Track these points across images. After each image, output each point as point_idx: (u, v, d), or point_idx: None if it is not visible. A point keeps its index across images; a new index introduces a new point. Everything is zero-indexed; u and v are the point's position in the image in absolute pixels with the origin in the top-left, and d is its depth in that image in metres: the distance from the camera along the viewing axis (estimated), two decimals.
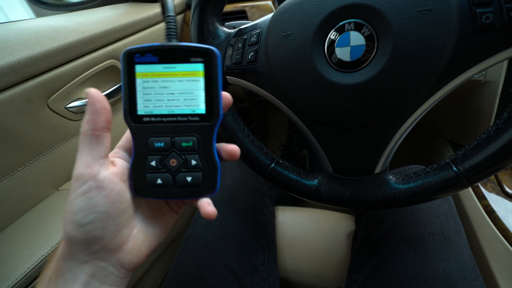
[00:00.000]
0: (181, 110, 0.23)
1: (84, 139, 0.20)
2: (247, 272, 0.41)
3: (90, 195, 0.20)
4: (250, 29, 0.31)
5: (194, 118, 0.23)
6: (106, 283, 0.21)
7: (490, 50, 0.22)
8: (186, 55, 0.22)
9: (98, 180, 0.20)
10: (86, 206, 0.19)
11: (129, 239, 0.22)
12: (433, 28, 0.22)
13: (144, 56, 0.22)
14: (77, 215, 0.19)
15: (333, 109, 0.27)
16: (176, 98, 0.23)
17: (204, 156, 0.23)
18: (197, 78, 0.23)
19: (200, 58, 0.22)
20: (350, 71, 0.25)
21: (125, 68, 0.22)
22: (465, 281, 0.31)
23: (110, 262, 0.21)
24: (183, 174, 0.23)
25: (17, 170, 0.44)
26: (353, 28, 0.25)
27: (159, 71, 0.22)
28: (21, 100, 0.42)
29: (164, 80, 0.23)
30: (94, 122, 0.20)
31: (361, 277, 0.38)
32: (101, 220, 0.20)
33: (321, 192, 0.31)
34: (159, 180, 0.23)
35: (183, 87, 0.23)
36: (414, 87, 0.24)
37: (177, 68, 0.22)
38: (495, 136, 0.24)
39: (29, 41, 0.43)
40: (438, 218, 0.37)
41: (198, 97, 0.23)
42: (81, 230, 0.19)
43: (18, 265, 0.37)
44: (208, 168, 0.24)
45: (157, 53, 0.22)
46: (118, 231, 0.21)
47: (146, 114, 0.23)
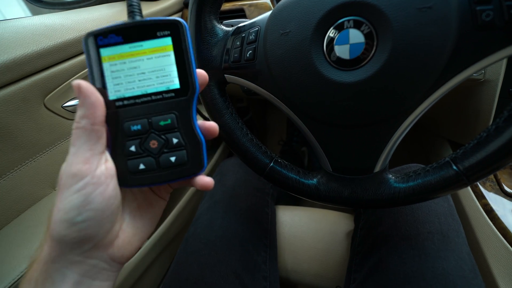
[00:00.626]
0: (154, 88, 0.22)
1: (82, 134, 0.19)
2: (249, 271, 0.41)
3: (86, 192, 0.19)
4: (248, 27, 0.31)
5: (169, 95, 0.22)
6: (98, 279, 0.21)
7: (490, 48, 0.22)
8: (151, 30, 0.21)
9: (95, 176, 0.19)
10: (81, 204, 0.19)
11: (119, 234, 0.22)
12: (433, 26, 0.22)
13: (107, 38, 0.21)
14: (70, 213, 0.18)
15: (332, 107, 0.27)
16: (148, 77, 0.22)
17: (186, 132, 0.22)
18: (166, 53, 0.22)
19: (167, 32, 0.21)
20: (349, 69, 0.25)
21: (88, 53, 0.21)
22: (464, 279, 0.31)
23: (101, 259, 0.21)
24: (166, 155, 0.22)
25: (13, 170, 0.44)
26: (352, 26, 0.24)
27: (125, 52, 0.21)
28: (17, 99, 0.42)
29: (133, 60, 0.21)
30: (92, 116, 0.19)
31: (360, 276, 0.38)
32: (96, 217, 0.19)
33: (320, 191, 0.31)
34: (141, 165, 0.22)
35: (153, 64, 0.22)
36: (413, 85, 0.24)
37: (144, 46, 0.21)
38: (495, 135, 0.24)
39: (25, 40, 0.42)
40: (437, 217, 0.37)
41: (171, 72, 0.22)
42: (74, 229, 0.19)
43: (15, 265, 0.37)
44: (192, 144, 0.22)
45: (120, 33, 0.21)
46: (110, 227, 0.21)
47: (118, 98, 0.22)
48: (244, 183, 0.52)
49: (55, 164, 0.50)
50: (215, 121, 0.34)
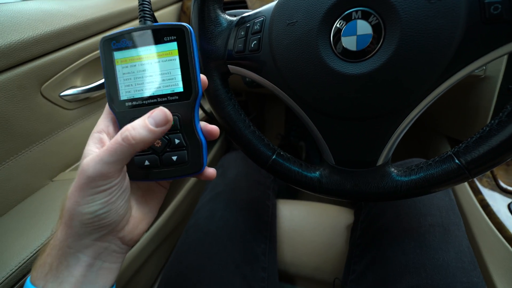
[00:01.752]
0: (160, 91, 0.23)
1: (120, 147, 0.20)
2: (248, 262, 0.41)
3: (112, 191, 0.21)
4: (253, 17, 0.30)
5: (173, 97, 0.23)
6: (108, 261, 0.23)
7: (497, 42, 0.22)
8: (159, 35, 0.23)
9: (120, 178, 0.21)
10: (106, 200, 0.21)
11: (129, 220, 0.24)
12: (442, 18, 0.22)
13: (119, 42, 0.23)
14: (95, 207, 0.20)
15: (337, 99, 0.26)
16: (155, 79, 0.23)
17: (187, 134, 0.24)
18: (172, 57, 0.23)
19: (173, 36, 0.23)
20: (355, 61, 0.25)
21: (103, 56, 0.23)
22: (463, 271, 0.32)
23: (112, 241, 0.23)
24: (169, 154, 0.24)
25: (9, 160, 0.43)
26: (360, 17, 0.24)
27: (136, 55, 0.23)
28: (12, 86, 0.41)
29: (142, 64, 0.23)
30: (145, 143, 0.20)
31: (359, 267, 0.39)
32: (116, 209, 0.21)
33: (322, 184, 0.31)
34: (146, 161, 0.24)
35: (160, 68, 0.23)
36: (420, 78, 0.24)
37: (153, 50, 0.23)
38: (498, 129, 0.24)
39: (20, 24, 0.41)
40: (439, 211, 0.38)
41: (175, 76, 0.23)
42: (96, 218, 0.21)
43: (13, 256, 0.37)
44: (193, 145, 0.24)
45: (131, 38, 0.23)
46: (124, 214, 0.23)
47: (128, 99, 0.23)
48: (246, 176, 0.52)
49: (51, 154, 0.49)
50: (217, 112, 0.33)
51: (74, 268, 0.21)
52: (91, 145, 0.22)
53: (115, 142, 0.20)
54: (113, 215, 0.22)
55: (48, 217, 0.42)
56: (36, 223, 0.41)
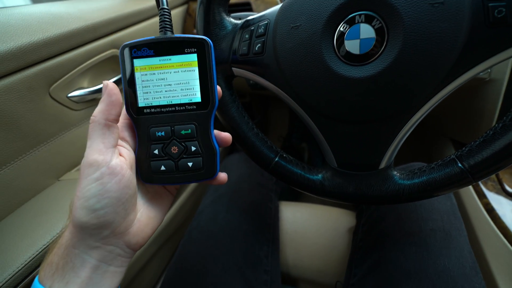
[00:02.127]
0: (178, 100, 0.24)
1: (96, 127, 0.21)
2: (251, 264, 0.41)
3: (104, 181, 0.20)
4: (257, 20, 0.30)
5: (191, 107, 0.24)
6: (113, 265, 0.23)
7: (501, 45, 0.22)
8: (180, 46, 0.24)
9: (111, 167, 0.21)
10: (100, 192, 0.20)
11: (134, 222, 0.24)
12: (445, 22, 0.22)
13: (140, 50, 0.23)
14: (90, 201, 0.20)
15: (340, 102, 0.27)
16: (173, 88, 0.24)
17: (203, 142, 0.25)
18: (191, 68, 0.24)
19: (193, 49, 0.24)
20: (359, 64, 0.25)
21: (124, 63, 0.24)
22: (465, 276, 0.32)
23: (118, 245, 0.23)
24: (185, 160, 0.25)
25: (17, 159, 0.44)
26: (364, 21, 0.24)
27: (156, 64, 0.24)
28: (22, 87, 0.42)
29: (161, 72, 0.24)
30: (108, 113, 0.21)
31: (360, 271, 0.39)
32: (113, 205, 0.21)
33: (325, 187, 0.31)
34: (162, 167, 0.24)
35: (179, 77, 0.24)
36: (423, 81, 0.24)
37: (173, 60, 0.24)
38: (502, 133, 0.24)
39: (31, 27, 0.42)
40: (440, 215, 0.38)
41: (194, 86, 0.24)
42: (93, 215, 0.20)
43: (19, 254, 0.37)
44: (207, 153, 0.25)
45: (152, 47, 0.23)
46: (126, 215, 0.23)
47: (146, 106, 0.24)
48: (248, 178, 0.52)
49: (58, 154, 0.50)
50: (221, 114, 0.34)
51: (80, 269, 0.21)
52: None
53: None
54: (112, 214, 0.21)
55: (54, 216, 0.42)
56: (42, 222, 0.42)
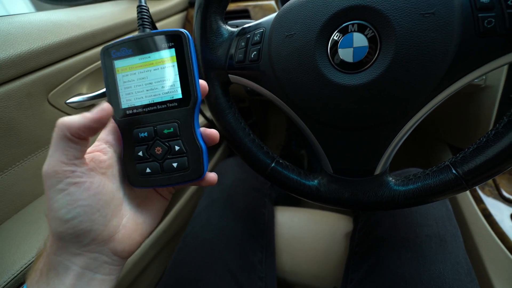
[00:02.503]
0: (160, 98, 0.23)
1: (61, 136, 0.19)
2: (245, 271, 0.41)
3: (70, 191, 0.19)
4: (253, 28, 0.31)
5: (173, 104, 0.23)
6: (100, 273, 0.22)
7: (491, 54, 0.22)
8: (157, 43, 0.23)
9: (75, 176, 0.20)
10: (69, 202, 0.19)
11: (119, 229, 0.23)
12: (436, 32, 0.22)
13: (119, 51, 0.23)
14: (60, 212, 0.19)
15: (335, 109, 0.27)
16: (154, 87, 0.23)
17: (187, 140, 0.24)
18: (171, 63, 0.23)
19: (171, 43, 0.23)
20: (352, 72, 0.25)
21: (104, 65, 0.23)
22: (460, 283, 0.32)
23: (102, 252, 0.22)
24: (169, 161, 0.24)
25: (15, 165, 0.44)
26: (357, 30, 0.25)
27: (136, 63, 0.23)
28: (21, 94, 0.42)
29: (142, 71, 0.23)
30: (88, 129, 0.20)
31: (357, 276, 0.39)
32: (86, 213, 0.20)
33: (321, 193, 0.31)
34: (148, 169, 0.24)
35: (159, 75, 0.23)
36: (415, 89, 0.24)
37: (152, 57, 0.23)
38: (495, 140, 0.24)
39: (30, 35, 0.42)
40: (435, 221, 0.38)
41: (174, 82, 0.23)
42: (67, 226, 0.20)
43: (16, 260, 0.37)
44: (192, 152, 0.24)
45: (130, 46, 0.23)
46: (107, 222, 0.21)
47: (129, 107, 0.23)
48: (242, 183, 0.52)
49: None
50: (217, 120, 0.34)
51: (64, 276, 0.20)
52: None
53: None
54: (87, 222, 0.20)
55: None
56: (39, 228, 0.42)
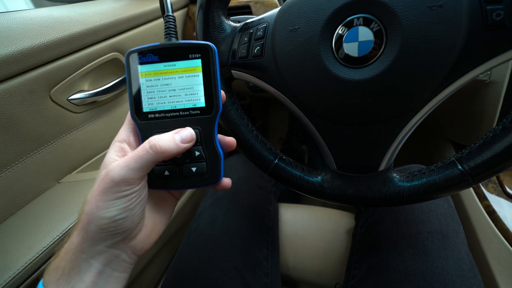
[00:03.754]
0: (182, 105, 0.24)
1: (146, 154, 0.21)
2: (250, 267, 0.41)
3: (131, 197, 0.21)
4: (256, 23, 0.31)
5: (195, 112, 0.24)
6: (117, 270, 0.23)
7: (499, 48, 0.22)
8: (184, 52, 0.24)
9: (141, 185, 0.22)
10: (125, 207, 0.21)
11: (142, 228, 0.24)
12: (443, 25, 0.22)
13: (145, 56, 0.24)
14: (113, 212, 0.21)
15: (339, 105, 0.27)
16: (178, 94, 0.24)
17: (207, 147, 0.25)
18: (196, 73, 0.24)
19: (198, 54, 0.24)
20: (357, 67, 0.25)
21: (129, 69, 0.24)
22: (463, 279, 0.32)
23: (124, 250, 0.23)
24: (188, 165, 0.24)
25: (18, 162, 0.44)
26: (362, 23, 0.24)
27: (160, 70, 0.24)
28: (23, 91, 0.42)
29: (166, 78, 0.24)
30: (169, 154, 0.22)
31: (359, 273, 0.39)
32: (133, 216, 0.22)
33: (324, 189, 0.31)
34: (166, 172, 0.24)
35: (184, 83, 0.24)
36: (421, 84, 0.24)
37: (177, 66, 0.24)
38: (502, 135, 0.23)
39: (32, 31, 0.42)
40: (437, 217, 0.38)
41: (198, 91, 0.24)
42: (113, 224, 0.21)
43: (19, 256, 0.37)
44: (211, 158, 0.25)
45: (157, 53, 0.24)
46: (139, 221, 0.23)
47: (150, 111, 0.24)
48: (247, 180, 0.52)
49: (59, 157, 0.50)
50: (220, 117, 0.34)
51: (85, 274, 0.21)
52: (112, 153, 0.23)
53: (142, 149, 0.21)
54: (129, 222, 0.22)
55: (54, 218, 0.42)
56: (42, 225, 0.42)
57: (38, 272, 0.37)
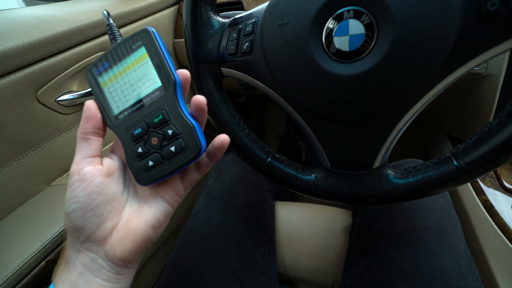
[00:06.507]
0: (144, 93, 0.25)
1: (77, 141, 0.23)
2: (246, 267, 0.41)
3: (73, 187, 0.22)
4: (245, 19, 0.30)
5: (155, 94, 0.24)
6: (99, 277, 0.22)
7: (494, 40, 0.21)
8: (128, 46, 0.24)
9: (81, 174, 0.22)
10: (70, 197, 0.22)
11: (113, 232, 0.23)
12: (436, 16, 0.21)
13: (100, 67, 0.25)
14: (65, 205, 0.22)
15: (331, 101, 0.26)
16: (137, 86, 0.25)
17: (177, 122, 0.24)
18: (144, 60, 0.24)
19: (139, 42, 0.24)
20: (348, 61, 0.24)
21: (91, 84, 0.25)
22: (460, 275, 0.31)
23: (98, 254, 0.23)
24: (167, 147, 0.24)
25: (5, 165, 0.43)
26: (352, 16, 0.23)
27: (116, 72, 0.25)
28: (7, 93, 0.41)
29: (123, 77, 0.25)
30: (84, 127, 0.23)
31: (356, 271, 0.38)
32: (80, 209, 0.22)
33: (318, 187, 0.30)
34: (150, 162, 0.24)
35: (138, 74, 0.25)
36: (415, 78, 0.23)
37: (128, 61, 0.25)
38: (498, 129, 0.23)
39: (15, 31, 0.41)
40: (434, 213, 0.37)
41: (152, 75, 0.24)
42: (67, 219, 0.22)
43: (9, 262, 0.36)
44: (186, 131, 0.24)
45: (107, 59, 0.25)
46: (100, 222, 0.23)
47: (120, 111, 0.25)
48: (242, 179, 0.51)
49: (49, 159, 0.49)
50: (211, 115, 0.33)
51: (71, 272, 0.22)
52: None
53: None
54: (80, 219, 0.22)
55: (45, 222, 0.42)
56: (33, 228, 0.41)
57: (28, 277, 0.36)
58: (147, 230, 0.24)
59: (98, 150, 0.24)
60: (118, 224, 0.24)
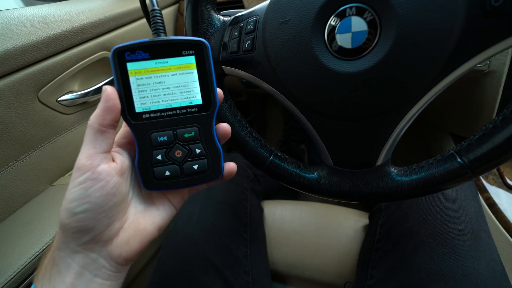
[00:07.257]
0: (178, 103, 0.24)
1: (89, 132, 0.21)
2: (228, 265, 0.41)
3: (86, 185, 0.20)
4: (246, 17, 0.30)
5: (193, 109, 0.24)
6: (99, 276, 0.22)
7: (498, 35, 0.21)
8: (177, 49, 0.23)
9: (96, 172, 0.20)
10: (81, 196, 0.20)
11: (120, 232, 0.22)
12: (440, 12, 0.21)
13: (134, 54, 0.22)
14: (72, 204, 0.20)
15: (334, 99, 0.26)
16: (172, 92, 0.23)
17: (207, 143, 0.25)
18: (190, 70, 0.23)
19: (191, 51, 0.23)
20: (351, 58, 0.24)
21: (116, 67, 0.22)
22: (495, 281, 0.31)
23: (100, 254, 0.22)
24: (190, 163, 0.24)
25: (7, 166, 0.43)
26: (355, 13, 0.23)
27: (151, 67, 0.23)
28: (9, 93, 0.41)
29: (158, 76, 0.23)
30: (103, 118, 0.21)
31: (379, 272, 0.37)
32: (93, 210, 0.20)
33: (321, 185, 0.30)
34: (167, 172, 0.24)
35: (178, 80, 0.23)
36: (418, 75, 0.23)
37: (170, 63, 0.23)
38: (502, 126, 0.23)
39: (16, 31, 0.41)
40: (468, 217, 0.36)
41: (194, 88, 0.24)
42: (73, 219, 0.20)
43: (12, 262, 0.37)
44: (212, 154, 0.25)
45: (148, 49, 0.23)
46: (110, 223, 0.22)
47: (144, 111, 0.23)
48: None
49: (50, 159, 0.49)
50: None
51: (65, 274, 0.20)
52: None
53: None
54: (92, 219, 0.20)
55: (47, 222, 0.42)
56: (35, 229, 0.41)
57: (31, 277, 0.37)
58: (154, 231, 0.24)
59: (111, 145, 0.22)
60: (124, 224, 0.23)
